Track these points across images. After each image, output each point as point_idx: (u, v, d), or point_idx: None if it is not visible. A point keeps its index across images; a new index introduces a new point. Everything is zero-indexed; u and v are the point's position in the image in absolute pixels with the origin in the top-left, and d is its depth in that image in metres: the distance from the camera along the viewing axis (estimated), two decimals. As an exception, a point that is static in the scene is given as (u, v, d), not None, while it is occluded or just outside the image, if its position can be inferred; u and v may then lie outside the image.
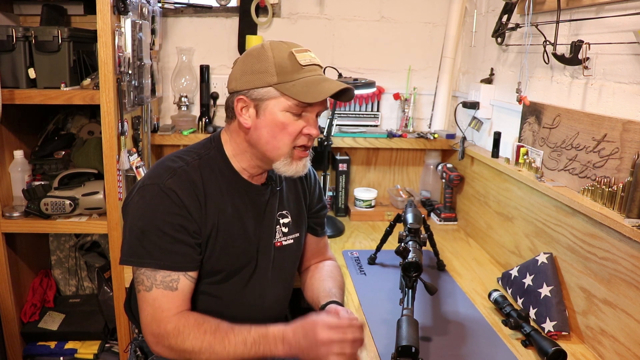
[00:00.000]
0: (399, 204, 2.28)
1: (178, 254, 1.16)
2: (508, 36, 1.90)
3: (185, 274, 1.18)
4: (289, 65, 1.16)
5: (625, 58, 1.30)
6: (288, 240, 1.38)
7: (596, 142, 1.35)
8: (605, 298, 1.26)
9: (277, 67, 1.15)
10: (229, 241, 1.24)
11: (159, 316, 1.14)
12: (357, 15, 2.33)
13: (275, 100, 1.16)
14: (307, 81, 1.16)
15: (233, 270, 1.27)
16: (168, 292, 1.15)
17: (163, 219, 1.15)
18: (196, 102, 2.30)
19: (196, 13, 2.25)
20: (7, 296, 1.80)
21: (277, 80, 1.15)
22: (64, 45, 1.65)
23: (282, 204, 1.37)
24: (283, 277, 1.39)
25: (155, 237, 1.15)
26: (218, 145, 1.28)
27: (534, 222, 1.60)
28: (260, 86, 1.16)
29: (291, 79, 1.15)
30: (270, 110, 1.17)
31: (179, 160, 1.23)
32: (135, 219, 1.17)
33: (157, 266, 1.15)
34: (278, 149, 1.20)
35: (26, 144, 1.93)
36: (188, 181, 1.19)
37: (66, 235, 2.14)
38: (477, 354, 1.27)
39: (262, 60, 1.17)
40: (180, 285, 1.17)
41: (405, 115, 2.38)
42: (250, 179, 1.29)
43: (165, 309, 1.15)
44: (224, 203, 1.23)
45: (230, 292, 1.28)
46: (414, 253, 1.33)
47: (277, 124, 1.17)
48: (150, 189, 1.17)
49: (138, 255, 1.15)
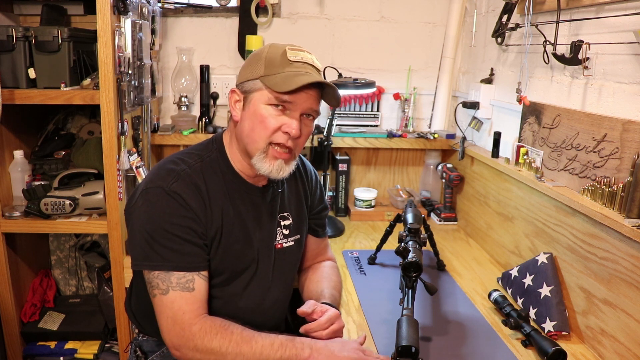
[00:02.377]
0: (399, 204, 2.28)
1: (189, 254, 1.16)
2: (508, 36, 1.90)
3: (199, 274, 1.17)
4: (278, 60, 1.17)
5: (625, 58, 1.30)
6: (289, 242, 1.38)
7: (596, 142, 1.35)
8: (605, 298, 1.26)
9: (266, 61, 1.17)
10: (231, 243, 1.24)
11: (180, 319, 1.12)
12: (357, 15, 2.33)
13: (259, 92, 1.17)
14: (288, 74, 1.15)
15: (234, 272, 1.27)
16: (186, 293, 1.14)
17: (171, 221, 1.14)
18: (196, 102, 2.30)
19: (196, 13, 2.25)
20: (7, 296, 1.80)
21: (264, 73, 1.17)
22: (64, 45, 1.65)
23: (283, 205, 1.37)
24: (283, 279, 1.38)
25: (165, 239, 1.14)
26: (220, 147, 1.27)
27: (534, 222, 1.60)
28: (250, 78, 1.19)
29: (276, 72, 1.16)
30: (254, 102, 1.18)
31: (181, 162, 1.21)
32: (143, 223, 1.15)
33: (170, 268, 1.14)
34: (255, 142, 1.18)
35: (26, 144, 1.93)
36: (192, 184, 1.18)
37: (66, 235, 2.14)
38: (477, 354, 1.27)
39: (257, 55, 1.21)
40: (196, 286, 1.16)
41: (405, 115, 2.38)
42: (252, 180, 1.28)
43: (187, 310, 1.13)
44: (226, 205, 1.23)
45: (231, 294, 1.28)
46: (414, 253, 1.33)
47: (258, 116, 1.17)
48: (155, 192, 1.16)
49: (150, 259, 1.14)
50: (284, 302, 1.42)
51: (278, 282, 1.36)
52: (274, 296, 1.35)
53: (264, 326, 1.35)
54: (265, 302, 1.33)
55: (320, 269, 1.48)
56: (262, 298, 1.32)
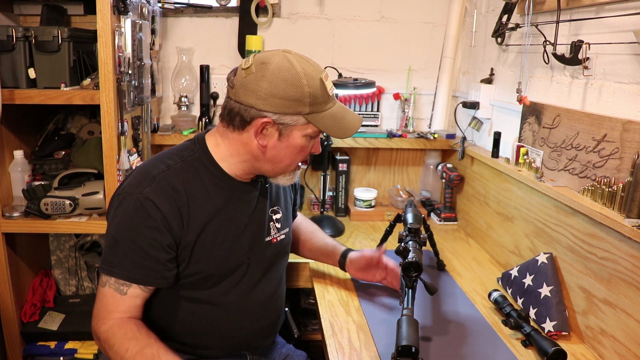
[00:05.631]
0: (399, 204, 2.28)
1: (147, 269, 1.16)
2: (508, 36, 1.90)
3: (139, 286, 1.18)
4: (320, 95, 1.16)
5: (625, 58, 1.30)
6: (281, 236, 1.39)
7: (596, 142, 1.35)
8: (605, 298, 1.26)
9: (311, 98, 1.14)
10: (218, 242, 1.23)
11: (102, 314, 1.17)
12: (357, 15, 2.33)
13: (302, 127, 1.18)
14: (333, 113, 1.19)
15: (225, 271, 1.26)
16: (117, 294, 1.17)
17: (137, 231, 1.15)
18: (196, 102, 2.30)
19: (196, 13, 2.25)
20: (7, 296, 1.80)
21: (309, 111, 1.16)
22: (64, 45, 1.65)
23: (272, 200, 1.37)
24: (278, 272, 1.40)
25: (128, 248, 1.15)
26: (203, 146, 1.25)
27: (534, 222, 1.60)
28: (291, 113, 1.15)
29: (321, 109, 1.17)
30: (294, 135, 1.18)
31: (160, 164, 1.21)
32: (111, 228, 1.18)
33: (125, 278, 1.16)
34: (287, 166, 1.24)
35: (26, 144, 1.93)
36: (168, 187, 1.17)
37: (66, 235, 2.13)
38: (477, 354, 1.27)
39: (297, 88, 1.13)
40: (130, 292, 1.18)
41: (405, 115, 2.38)
42: (239, 177, 1.27)
43: (110, 310, 1.17)
44: (210, 204, 1.22)
45: (225, 294, 1.27)
46: (414, 253, 1.33)
47: (297, 147, 1.20)
48: (128, 198, 1.16)
49: (111, 264, 1.17)
50: (281, 296, 1.43)
51: (274, 276, 1.37)
52: (270, 290, 1.36)
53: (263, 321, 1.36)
54: (262, 297, 1.33)
55: (301, 224, 1.65)
56: (259, 294, 1.32)
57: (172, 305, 1.26)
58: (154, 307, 1.26)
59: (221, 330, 1.30)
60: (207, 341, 1.31)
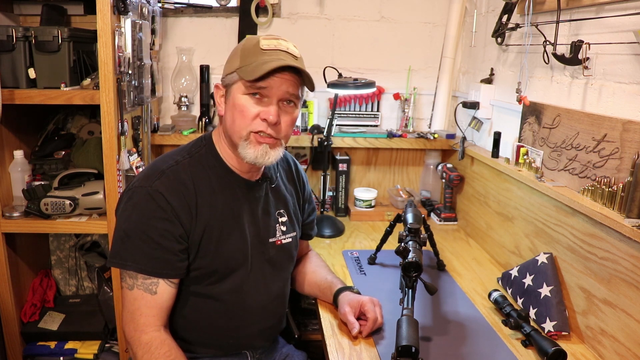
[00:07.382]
0: (399, 204, 2.28)
1: (159, 259, 1.17)
2: (508, 36, 1.90)
3: (165, 280, 1.19)
4: (252, 50, 1.18)
5: (625, 58, 1.30)
6: (287, 239, 1.39)
7: (596, 142, 1.35)
8: (605, 298, 1.26)
9: (241, 53, 1.18)
10: (224, 239, 1.24)
11: (137, 320, 1.17)
12: (357, 15, 2.33)
13: (237, 84, 1.19)
14: (259, 62, 1.15)
15: (229, 268, 1.27)
16: (147, 294, 1.17)
17: (148, 223, 1.16)
18: (196, 102, 2.30)
19: (196, 13, 2.25)
20: (7, 296, 1.80)
21: (239, 65, 1.17)
22: (64, 45, 1.65)
23: (279, 202, 1.38)
24: (282, 275, 1.40)
25: (140, 240, 1.16)
26: (209, 143, 1.28)
27: (534, 222, 1.60)
28: (229, 72, 1.20)
29: (250, 62, 1.16)
30: (233, 94, 1.20)
31: (169, 160, 1.23)
32: (122, 222, 1.18)
33: (137, 270, 1.16)
34: (237, 132, 1.20)
35: (26, 144, 1.93)
36: (177, 181, 1.19)
37: (66, 235, 2.14)
38: (477, 354, 1.27)
39: (235, 49, 1.23)
40: (159, 289, 1.18)
41: (405, 115, 2.38)
42: (246, 175, 1.29)
43: (144, 313, 1.17)
44: (216, 200, 1.24)
45: (228, 291, 1.28)
46: (414, 253, 1.33)
47: (237, 107, 1.19)
48: (139, 191, 1.17)
49: (122, 257, 1.17)
50: (284, 299, 1.43)
51: (277, 278, 1.37)
52: (273, 292, 1.36)
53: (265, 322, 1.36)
54: (265, 298, 1.34)
55: (309, 260, 1.57)
56: (261, 295, 1.33)
57: (176, 298, 1.27)
58: None
59: (222, 328, 1.31)
60: (208, 338, 1.31)
